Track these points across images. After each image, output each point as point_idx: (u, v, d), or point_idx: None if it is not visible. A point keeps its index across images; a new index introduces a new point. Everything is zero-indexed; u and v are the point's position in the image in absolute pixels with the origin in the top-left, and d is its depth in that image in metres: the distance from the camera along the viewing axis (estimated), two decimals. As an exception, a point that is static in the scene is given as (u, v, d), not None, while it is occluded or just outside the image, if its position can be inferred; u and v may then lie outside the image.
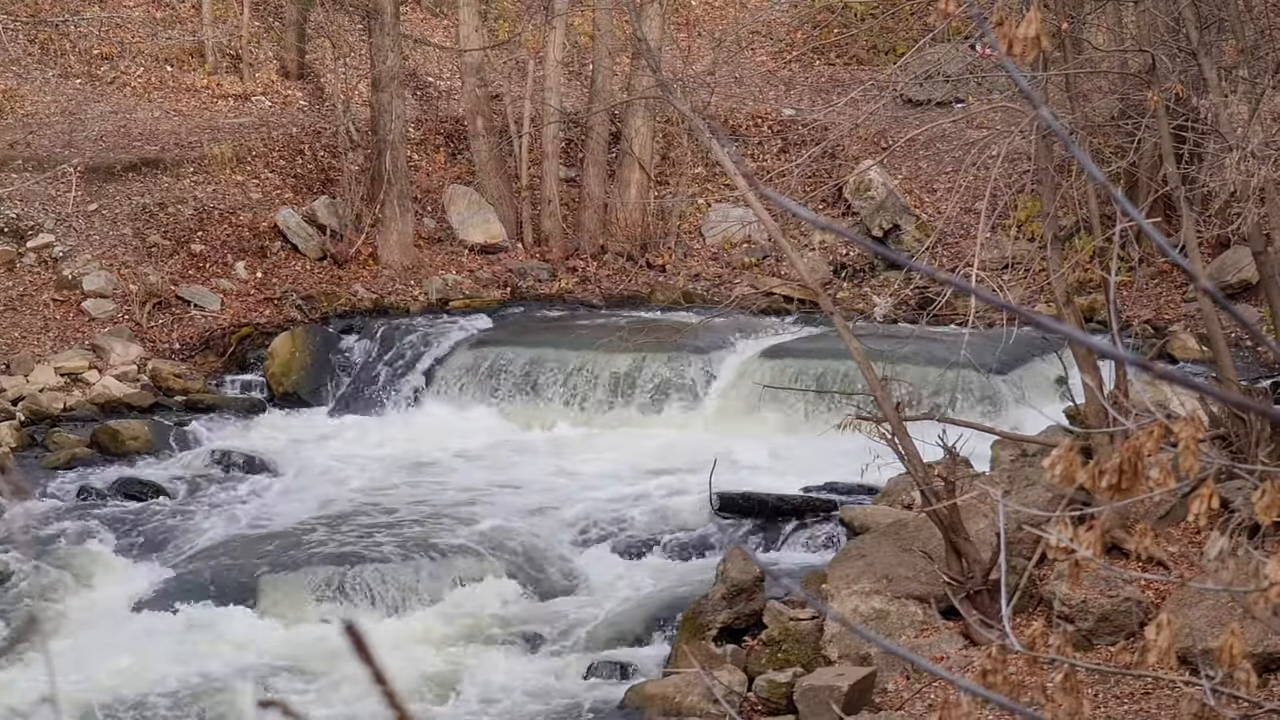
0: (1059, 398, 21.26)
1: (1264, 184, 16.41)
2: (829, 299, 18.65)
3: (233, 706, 16.80)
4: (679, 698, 16.35)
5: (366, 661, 3.40)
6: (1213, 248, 26.10)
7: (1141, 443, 5.12)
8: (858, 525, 19.16)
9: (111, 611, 18.89)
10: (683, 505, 21.07)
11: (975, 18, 15.57)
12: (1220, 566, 5.67)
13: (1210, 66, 17.05)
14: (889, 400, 16.27)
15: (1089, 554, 5.60)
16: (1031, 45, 4.71)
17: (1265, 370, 23.54)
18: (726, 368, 24.82)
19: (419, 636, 18.31)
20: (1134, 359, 4.31)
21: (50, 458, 23.25)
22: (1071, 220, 22.42)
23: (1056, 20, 16.97)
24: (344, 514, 21.16)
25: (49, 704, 16.97)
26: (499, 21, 34.50)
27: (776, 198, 4.30)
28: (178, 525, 20.90)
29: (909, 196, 30.02)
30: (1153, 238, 4.35)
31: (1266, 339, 13.42)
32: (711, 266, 29.79)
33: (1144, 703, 14.68)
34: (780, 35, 36.02)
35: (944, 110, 26.87)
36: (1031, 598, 16.38)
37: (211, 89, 32.90)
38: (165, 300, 27.36)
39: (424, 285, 28.70)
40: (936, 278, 3.87)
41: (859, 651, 16.23)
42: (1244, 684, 5.56)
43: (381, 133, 28.92)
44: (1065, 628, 15.55)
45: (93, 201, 28.39)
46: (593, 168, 30.39)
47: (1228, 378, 17.71)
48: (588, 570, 19.85)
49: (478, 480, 22.46)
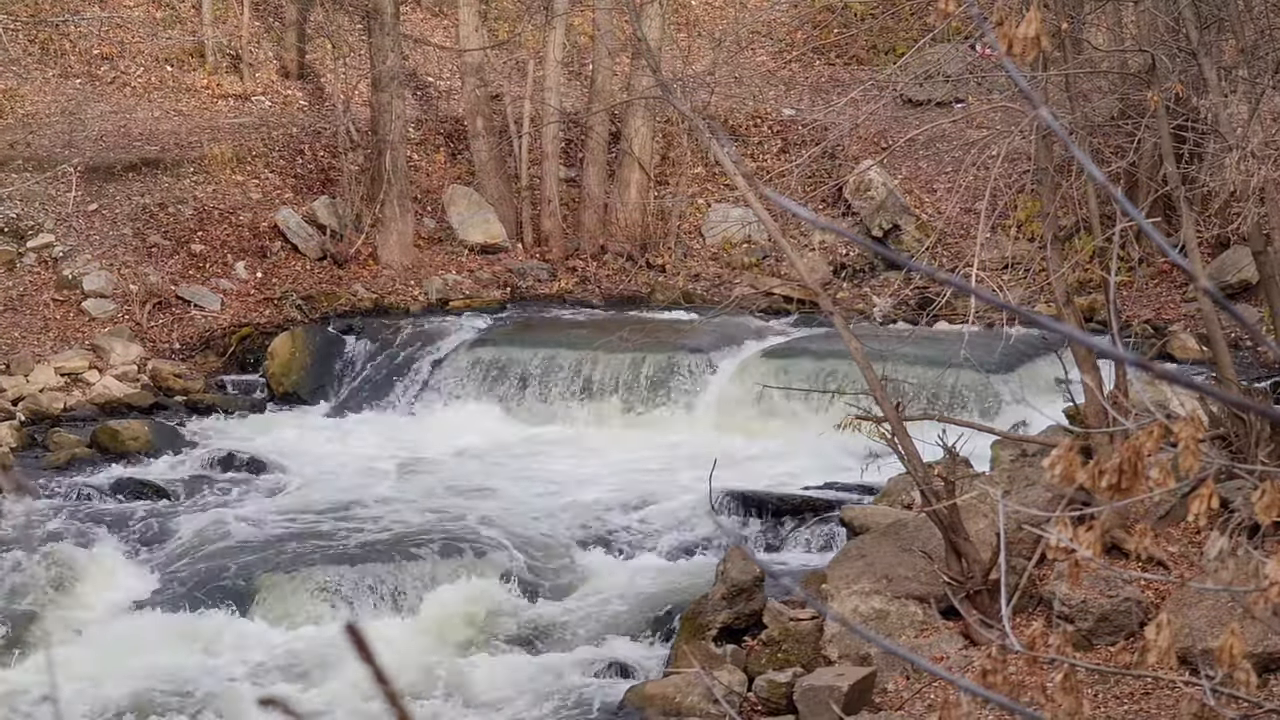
0: (1059, 398, 21.26)
1: (1264, 184, 16.42)
2: (829, 299, 18.66)
3: (233, 706, 16.80)
4: (679, 698, 16.36)
5: (367, 661, 3.41)
6: (1212, 248, 26.11)
7: (1141, 443, 5.12)
8: (857, 525, 19.16)
9: (111, 611, 18.88)
10: (682, 505, 21.07)
11: (975, 18, 15.57)
12: (1220, 566, 5.67)
13: (1210, 66, 17.06)
14: (889, 400, 16.27)
15: (1089, 554, 5.60)
16: (1031, 45, 4.71)
17: (1265, 370, 23.54)
18: (726, 367, 24.82)
19: (419, 636, 18.31)
20: (1134, 359, 4.31)
21: (50, 458, 23.25)
22: (1071, 220, 22.42)
23: (1056, 20, 16.97)
24: (344, 514, 21.16)
25: (49, 704, 16.98)
26: (499, 21, 34.50)
27: (776, 198, 4.30)
28: (177, 525, 20.89)
29: (909, 196, 30.03)
30: (1152, 238, 4.35)
31: (1266, 339, 13.43)
32: (711, 266, 29.79)
33: (1144, 703, 14.68)
34: (780, 35, 36.02)
35: (944, 110, 26.87)
36: (1031, 598, 16.38)
37: (211, 89, 32.90)
38: (165, 300, 27.37)
39: (424, 285, 28.71)
40: (936, 278, 3.87)
41: (859, 651, 16.23)
42: (1244, 684, 5.56)
43: (381, 133, 28.93)
44: (1065, 628, 15.55)
45: (93, 201, 28.40)
46: (592, 168, 30.39)
47: (1227, 378, 17.71)
48: (587, 570, 19.85)
49: (477, 480, 22.46)
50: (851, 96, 21.01)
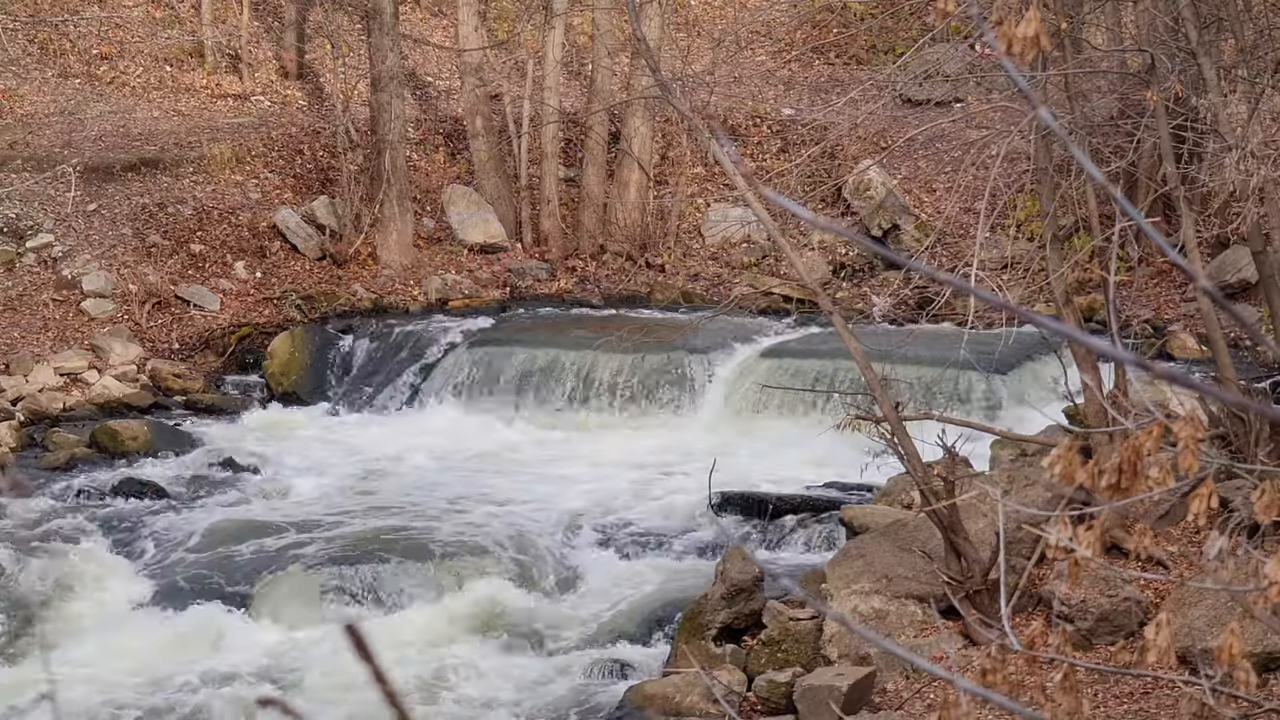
0: (1058, 397, 21.26)
1: (1263, 183, 16.42)
2: (828, 299, 18.65)
3: (231, 706, 16.80)
4: (678, 697, 16.36)
5: (367, 661, 3.41)
6: (1212, 247, 26.10)
7: (1141, 442, 5.12)
8: (857, 525, 19.15)
9: (110, 611, 18.88)
10: (682, 505, 21.07)
11: (974, 17, 15.57)
12: (1220, 566, 5.67)
13: (1209, 66, 17.06)
14: (888, 400, 16.26)
15: (1088, 553, 5.60)
16: (1030, 45, 4.71)
17: (1264, 370, 23.53)
18: (725, 367, 24.81)
19: (419, 636, 18.31)
20: (1133, 359, 4.31)
21: (49, 458, 23.25)
22: (1071, 220, 22.42)
23: (1056, 20, 16.97)
24: (343, 514, 21.16)
25: (48, 703, 16.98)
26: (498, 21, 34.49)
27: (776, 197, 4.30)
28: (177, 525, 20.90)
29: (908, 196, 30.02)
30: (1152, 237, 4.35)
31: (1265, 339, 13.43)
32: (711, 266, 29.78)
33: (1143, 702, 14.68)
34: (779, 35, 36.02)
35: (943, 110, 26.87)
36: (1031, 597, 16.38)
37: (211, 89, 32.90)
38: (165, 300, 27.36)
39: (423, 285, 28.71)
40: (936, 277, 3.87)
41: (858, 651, 16.23)
42: (1243, 683, 5.56)
43: (381, 132, 28.93)
44: (1064, 627, 15.55)
45: (92, 201, 28.39)
46: (592, 167, 30.39)
47: (1227, 377, 17.71)
48: (587, 570, 19.85)
49: (477, 480, 22.46)
50: (851, 96, 21.02)
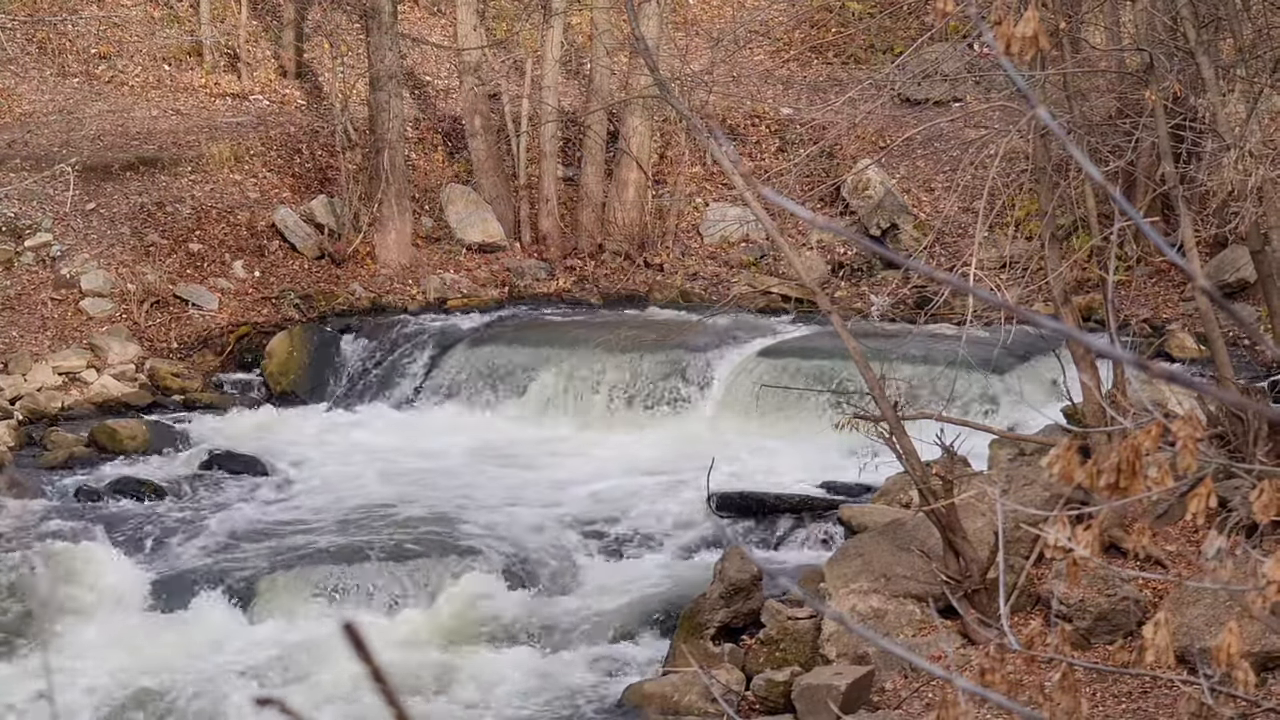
0: (1057, 397, 21.27)
1: (1261, 183, 16.43)
2: (827, 298, 18.65)
3: (231, 705, 16.80)
4: (677, 696, 16.36)
5: (365, 660, 3.41)
6: (1210, 247, 26.10)
7: (1140, 442, 5.12)
8: (856, 524, 19.16)
9: (109, 611, 18.88)
10: (681, 504, 21.06)
11: (973, 17, 15.58)
12: (1218, 565, 5.67)
13: (1208, 65, 17.06)
14: (887, 399, 16.27)
15: (1087, 553, 5.60)
16: (1029, 44, 4.71)
17: (1263, 369, 23.54)
18: (724, 367, 24.81)
19: (417, 635, 18.32)
20: (1132, 358, 4.31)
21: (48, 457, 23.24)
22: (1069, 219, 22.43)
23: (1054, 19, 16.97)
24: (341, 513, 21.16)
25: (46, 702, 16.98)
26: (497, 20, 34.49)
27: (774, 197, 4.30)
28: (175, 524, 20.89)
29: (907, 195, 30.02)
30: (1150, 237, 4.35)
31: (1264, 338, 13.44)
32: (709, 265, 29.78)
33: (1142, 701, 14.68)
34: (778, 34, 36.03)
35: (942, 109, 26.89)
36: (1029, 597, 16.39)
37: (209, 88, 32.90)
38: (163, 299, 27.36)
39: (422, 284, 28.70)
40: (934, 277, 3.88)
41: (857, 650, 16.23)
42: (1242, 683, 5.56)
43: (379, 132, 28.92)
44: (1063, 626, 15.55)
45: (90, 201, 28.38)
46: (590, 167, 30.39)
47: (1225, 377, 17.72)
48: (585, 569, 19.85)
49: (475, 479, 22.45)
50: (849, 96, 21.01)
